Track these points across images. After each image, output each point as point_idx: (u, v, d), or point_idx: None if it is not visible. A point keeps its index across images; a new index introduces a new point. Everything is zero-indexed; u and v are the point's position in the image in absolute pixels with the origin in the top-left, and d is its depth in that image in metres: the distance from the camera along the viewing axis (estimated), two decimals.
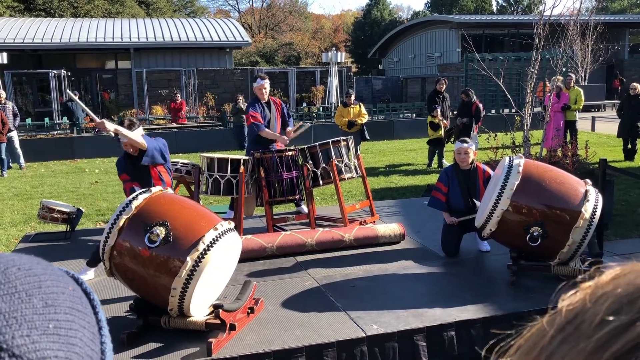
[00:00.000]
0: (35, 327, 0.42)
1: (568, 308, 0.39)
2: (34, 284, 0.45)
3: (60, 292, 0.46)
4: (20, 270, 0.45)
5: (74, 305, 0.47)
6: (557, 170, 4.47)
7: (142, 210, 3.46)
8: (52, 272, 0.48)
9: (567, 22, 8.67)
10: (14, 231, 7.11)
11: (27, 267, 0.46)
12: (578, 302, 0.39)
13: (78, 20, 25.11)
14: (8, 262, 0.46)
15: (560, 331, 0.38)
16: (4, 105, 11.82)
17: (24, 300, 0.43)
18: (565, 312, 0.39)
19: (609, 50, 23.62)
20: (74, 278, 0.51)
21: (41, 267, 0.47)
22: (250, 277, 4.55)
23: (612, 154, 11.48)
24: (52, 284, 0.46)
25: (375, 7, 47.82)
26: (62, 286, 0.47)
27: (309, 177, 5.81)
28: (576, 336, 0.37)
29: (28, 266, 0.46)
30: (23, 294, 0.43)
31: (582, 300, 0.39)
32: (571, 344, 0.36)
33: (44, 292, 0.45)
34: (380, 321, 3.71)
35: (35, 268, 0.47)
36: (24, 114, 18.36)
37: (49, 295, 0.45)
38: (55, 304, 0.45)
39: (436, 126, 10.77)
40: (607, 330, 0.35)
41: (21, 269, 0.45)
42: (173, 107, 17.52)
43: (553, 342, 0.38)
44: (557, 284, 0.49)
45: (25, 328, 0.41)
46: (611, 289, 0.38)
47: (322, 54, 25.09)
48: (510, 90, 14.34)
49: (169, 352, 3.36)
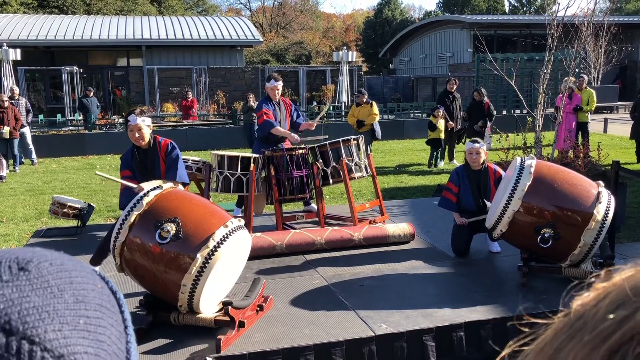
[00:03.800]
0: (66, 323, 0.42)
1: (578, 307, 0.40)
2: (66, 279, 0.45)
3: (90, 289, 0.47)
4: (53, 265, 0.45)
5: (102, 303, 0.47)
6: (569, 171, 4.44)
7: (152, 206, 3.47)
8: (82, 268, 0.48)
9: (580, 23, 8.59)
10: (25, 226, 7.16)
11: (58, 262, 0.46)
12: (589, 301, 0.40)
13: (91, 18, 25.27)
14: (40, 256, 0.46)
15: (569, 328, 0.39)
16: (17, 101, 11.92)
17: (56, 295, 0.43)
18: (575, 310, 0.40)
19: (622, 51, 23.41)
20: (101, 277, 0.51)
21: (72, 263, 0.48)
22: (260, 274, 4.56)
23: (624, 155, 11.38)
24: (83, 280, 0.47)
25: (386, 7, 47.69)
26: (91, 283, 0.48)
27: (319, 175, 5.80)
28: (582, 331, 0.37)
29: (60, 262, 0.47)
30: (55, 288, 0.44)
31: (593, 299, 0.39)
32: (577, 338, 0.37)
33: (75, 288, 0.45)
34: (389, 321, 3.70)
35: (67, 264, 0.47)
36: (37, 110, 18.53)
37: (80, 292, 0.45)
38: (86, 300, 0.45)
39: (434, 126, 10.78)
40: (610, 321, 0.36)
41: (53, 264, 0.46)
42: (184, 105, 17.57)
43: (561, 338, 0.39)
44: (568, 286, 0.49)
45: (57, 323, 0.42)
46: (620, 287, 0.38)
47: (333, 53, 25.05)
48: (522, 90, 14.25)
49: (178, 348, 3.37)
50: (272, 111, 6.29)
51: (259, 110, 6.35)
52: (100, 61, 24.67)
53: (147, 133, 4.60)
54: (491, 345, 3.65)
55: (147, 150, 4.66)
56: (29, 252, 0.46)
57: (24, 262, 0.44)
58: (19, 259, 0.45)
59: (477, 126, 10.86)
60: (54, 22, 23.22)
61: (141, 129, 4.53)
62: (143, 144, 4.62)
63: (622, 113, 22.31)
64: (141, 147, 4.64)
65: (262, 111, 6.24)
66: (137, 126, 4.51)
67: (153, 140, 4.67)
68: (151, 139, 4.66)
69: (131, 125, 4.53)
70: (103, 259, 4.67)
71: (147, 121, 4.59)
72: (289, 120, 6.48)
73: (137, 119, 4.52)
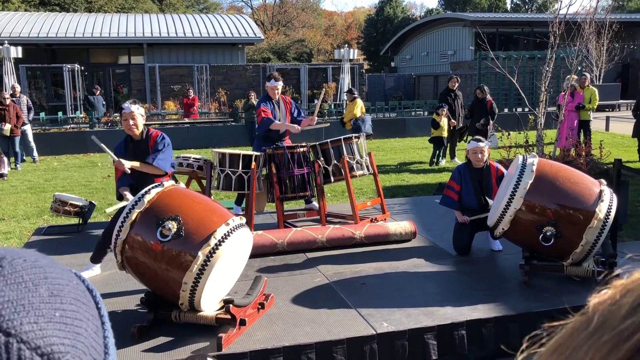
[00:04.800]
0: (42, 315, 0.43)
1: (596, 305, 0.39)
2: (40, 274, 0.46)
3: (65, 284, 0.47)
4: (26, 261, 0.46)
5: (78, 297, 0.48)
6: (571, 169, 4.42)
7: (154, 204, 3.47)
8: (56, 265, 0.49)
9: (582, 21, 8.57)
10: (27, 224, 7.17)
11: (32, 259, 0.47)
12: (607, 299, 0.39)
13: (92, 15, 25.26)
14: (14, 254, 0.47)
15: (587, 327, 0.38)
16: (18, 99, 11.92)
17: (30, 289, 0.44)
18: (593, 308, 0.39)
19: (624, 49, 23.34)
20: (77, 275, 0.52)
21: (46, 260, 0.49)
22: (261, 272, 4.55)
23: (626, 154, 11.35)
24: (57, 276, 0.47)
25: (388, 5, 47.61)
26: (66, 279, 0.48)
27: (320, 173, 5.80)
28: (601, 330, 0.37)
29: (34, 258, 0.47)
30: (30, 283, 0.44)
31: (612, 297, 0.38)
32: (595, 337, 0.36)
33: (49, 282, 0.46)
34: (390, 319, 3.69)
35: (41, 261, 0.48)
36: (38, 108, 18.52)
37: (55, 286, 0.46)
38: (61, 294, 0.46)
39: (437, 124, 10.79)
40: (631, 321, 0.35)
41: (27, 261, 0.46)
42: (185, 103, 17.57)
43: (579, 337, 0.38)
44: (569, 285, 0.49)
45: (33, 315, 0.42)
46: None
47: (335, 51, 25.02)
48: (524, 88, 14.22)
49: (179, 346, 3.37)
50: (271, 110, 6.30)
51: (257, 109, 6.37)
52: (101, 59, 24.67)
53: (141, 122, 4.68)
54: (493, 344, 3.65)
55: (140, 141, 4.73)
56: (1, 250, 0.47)
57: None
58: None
59: (479, 124, 10.86)
60: (55, 19, 23.21)
61: (135, 117, 4.61)
62: (137, 133, 4.68)
63: (624, 111, 22.26)
64: (135, 137, 4.71)
65: (261, 109, 6.25)
66: (131, 114, 4.59)
67: (146, 132, 4.74)
68: (144, 131, 4.73)
69: (125, 113, 4.62)
70: (103, 256, 4.68)
71: (140, 110, 4.68)
72: (289, 118, 6.48)
73: (131, 106, 4.62)
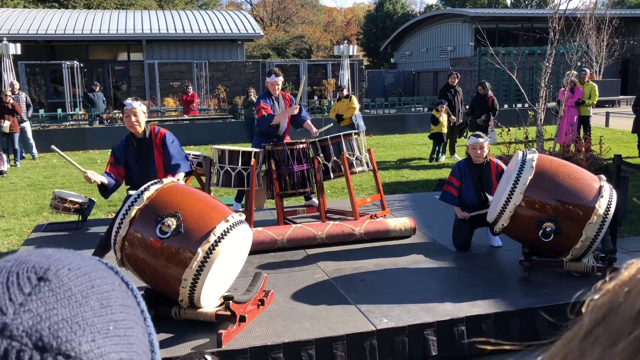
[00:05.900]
0: (97, 331, 0.41)
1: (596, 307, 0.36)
2: (87, 284, 0.44)
3: (111, 290, 0.46)
4: (71, 270, 0.44)
5: (125, 302, 0.46)
6: (571, 165, 4.42)
7: (153, 201, 3.46)
8: (97, 267, 0.47)
9: (582, 16, 8.55)
10: (27, 221, 7.16)
11: (75, 265, 0.45)
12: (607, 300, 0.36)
13: (91, 12, 25.20)
14: (57, 262, 0.44)
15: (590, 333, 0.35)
16: (17, 96, 11.90)
17: (81, 303, 0.42)
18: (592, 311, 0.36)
19: (624, 45, 23.30)
20: (109, 267, 0.50)
21: (86, 263, 0.46)
22: (261, 269, 4.56)
23: (626, 150, 11.34)
24: (102, 282, 0.46)
25: (387, 1, 47.50)
26: (110, 282, 0.46)
27: (319, 170, 5.79)
28: (608, 336, 0.34)
29: (76, 264, 0.45)
30: (79, 296, 0.42)
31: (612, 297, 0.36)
32: (604, 344, 0.34)
33: (97, 291, 0.44)
34: (390, 315, 3.69)
35: (84, 266, 0.45)
36: (37, 105, 18.50)
37: (103, 295, 0.44)
38: (110, 303, 0.44)
39: (436, 120, 10.79)
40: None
41: (72, 269, 0.44)
42: (185, 99, 17.56)
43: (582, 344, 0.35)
44: (569, 280, 0.48)
45: (89, 333, 0.40)
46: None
47: (334, 47, 24.98)
48: (524, 84, 14.21)
49: (179, 343, 3.37)
50: (271, 106, 6.28)
51: (257, 105, 6.35)
52: (100, 56, 24.62)
53: (143, 119, 4.60)
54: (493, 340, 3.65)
55: (143, 139, 4.65)
56: (43, 258, 0.44)
57: (42, 271, 0.43)
58: (36, 268, 0.43)
59: (480, 120, 10.83)
60: (54, 16, 23.16)
61: (137, 114, 4.54)
62: (139, 131, 4.61)
63: (624, 107, 22.24)
64: (137, 135, 4.64)
65: (260, 106, 6.23)
66: (132, 110, 4.53)
67: (149, 130, 4.67)
68: (147, 129, 4.66)
69: (127, 109, 4.55)
70: (105, 253, 4.67)
71: (142, 107, 4.63)
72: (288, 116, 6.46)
73: (133, 103, 4.56)
